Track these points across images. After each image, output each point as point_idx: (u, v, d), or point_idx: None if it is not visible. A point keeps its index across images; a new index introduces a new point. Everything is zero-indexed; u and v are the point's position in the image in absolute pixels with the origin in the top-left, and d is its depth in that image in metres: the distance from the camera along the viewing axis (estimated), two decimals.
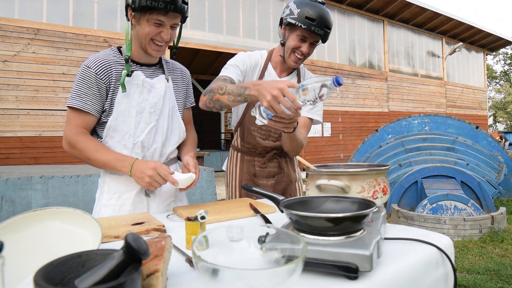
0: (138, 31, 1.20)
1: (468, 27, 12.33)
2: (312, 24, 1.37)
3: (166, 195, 1.37)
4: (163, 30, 1.19)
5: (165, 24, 1.18)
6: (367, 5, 9.99)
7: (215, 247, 0.58)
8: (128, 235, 0.45)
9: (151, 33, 1.18)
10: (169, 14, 1.16)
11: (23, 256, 0.64)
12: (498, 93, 32.03)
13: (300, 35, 1.42)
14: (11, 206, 2.78)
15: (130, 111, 1.25)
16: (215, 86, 1.27)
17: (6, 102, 5.32)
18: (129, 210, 1.27)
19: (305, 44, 1.44)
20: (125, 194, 1.28)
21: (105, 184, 1.30)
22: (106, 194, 1.29)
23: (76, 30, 5.90)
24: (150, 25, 1.17)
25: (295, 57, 1.47)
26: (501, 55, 31.20)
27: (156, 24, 1.17)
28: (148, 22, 1.16)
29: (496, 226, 3.84)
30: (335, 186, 0.85)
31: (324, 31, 1.40)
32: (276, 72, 1.58)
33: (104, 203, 1.28)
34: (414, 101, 11.37)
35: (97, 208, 1.31)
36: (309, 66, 8.75)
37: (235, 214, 1.09)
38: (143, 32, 1.19)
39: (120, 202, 1.28)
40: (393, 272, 0.65)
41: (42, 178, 2.89)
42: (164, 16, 1.16)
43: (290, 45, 1.46)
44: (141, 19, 1.17)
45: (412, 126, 5.96)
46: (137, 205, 1.29)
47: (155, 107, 1.30)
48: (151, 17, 1.15)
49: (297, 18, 1.39)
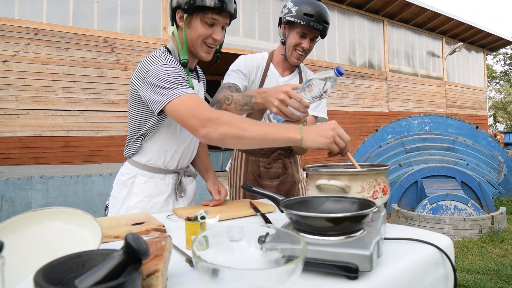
0: (189, 34, 1.17)
1: (468, 27, 12.33)
2: (311, 19, 1.41)
3: (189, 198, 1.40)
4: (215, 30, 1.17)
5: (218, 23, 1.16)
6: (367, 5, 9.98)
7: (215, 247, 0.58)
8: (128, 235, 0.45)
9: (204, 34, 1.15)
10: (223, 13, 1.15)
11: (23, 256, 0.64)
12: (498, 93, 32.03)
13: (300, 31, 1.46)
14: (11, 206, 2.78)
15: None
16: (222, 96, 1.27)
17: (6, 102, 5.32)
18: None
19: (306, 40, 1.48)
20: (156, 197, 1.28)
21: (135, 185, 1.27)
22: (136, 196, 1.26)
23: (76, 30, 5.90)
24: (203, 25, 1.14)
25: (297, 54, 1.50)
26: (501, 55, 31.20)
27: (209, 24, 1.15)
28: (202, 22, 1.14)
29: (496, 226, 3.84)
30: (335, 186, 0.85)
31: (322, 26, 1.44)
32: (279, 71, 1.60)
33: (133, 205, 1.26)
34: (414, 101, 11.37)
35: (123, 208, 1.26)
36: (309, 66, 8.75)
37: (235, 214, 1.09)
38: (195, 34, 1.16)
39: (150, 206, 1.27)
40: (393, 272, 0.65)
41: (42, 178, 2.89)
42: (218, 15, 1.14)
43: (291, 43, 1.49)
44: (193, 20, 1.15)
45: (412, 126, 5.96)
46: (163, 209, 1.29)
47: None
48: (205, 16, 1.13)
49: (296, 16, 1.43)
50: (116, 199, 1.30)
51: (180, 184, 1.34)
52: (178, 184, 1.33)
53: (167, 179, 1.31)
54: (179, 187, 1.33)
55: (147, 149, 1.26)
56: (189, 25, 1.16)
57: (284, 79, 1.60)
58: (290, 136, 0.91)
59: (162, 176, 1.30)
